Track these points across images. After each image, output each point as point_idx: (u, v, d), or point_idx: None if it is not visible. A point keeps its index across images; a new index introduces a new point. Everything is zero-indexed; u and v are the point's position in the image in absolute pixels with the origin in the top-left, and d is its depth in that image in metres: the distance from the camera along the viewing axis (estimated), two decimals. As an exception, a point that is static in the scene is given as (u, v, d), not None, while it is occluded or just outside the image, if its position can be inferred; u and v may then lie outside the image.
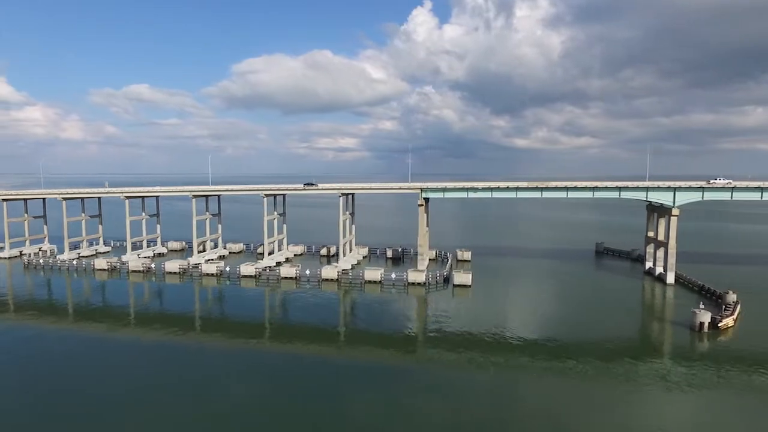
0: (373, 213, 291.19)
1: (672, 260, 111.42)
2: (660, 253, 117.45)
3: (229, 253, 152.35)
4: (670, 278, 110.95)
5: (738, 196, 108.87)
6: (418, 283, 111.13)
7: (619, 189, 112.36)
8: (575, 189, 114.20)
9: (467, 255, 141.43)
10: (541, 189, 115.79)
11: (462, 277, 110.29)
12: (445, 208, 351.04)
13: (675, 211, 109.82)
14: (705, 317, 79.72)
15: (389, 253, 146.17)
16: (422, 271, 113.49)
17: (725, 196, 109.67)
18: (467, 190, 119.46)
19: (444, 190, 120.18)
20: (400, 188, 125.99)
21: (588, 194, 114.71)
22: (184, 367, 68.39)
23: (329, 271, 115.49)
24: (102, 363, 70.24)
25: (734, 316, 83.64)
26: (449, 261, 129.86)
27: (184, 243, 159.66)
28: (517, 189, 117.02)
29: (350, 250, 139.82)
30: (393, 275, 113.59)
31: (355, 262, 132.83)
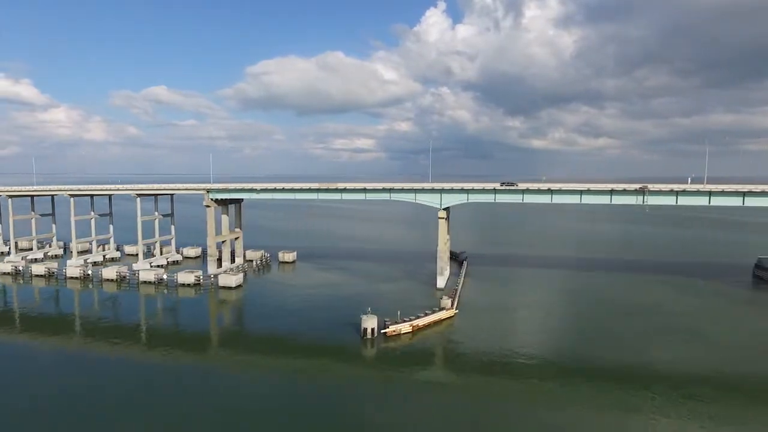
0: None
1: (441, 263, 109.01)
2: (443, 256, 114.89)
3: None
4: (440, 282, 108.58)
5: (500, 198, 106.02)
6: (188, 285, 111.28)
7: (389, 191, 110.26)
8: (345, 191, 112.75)
9: (290, 257, 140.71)
10: (316, 191, 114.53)
11: (227, 279, 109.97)
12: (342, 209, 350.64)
13: (441, 213, 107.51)
14: (371, 323, 77.87)
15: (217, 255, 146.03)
16: (192, 272, 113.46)
17: (489, 198, 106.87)
18: (247, 191, 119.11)
19: (227, 191, 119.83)
20: (186, 189, 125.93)
21: (360, 196, 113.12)
22: None
23: (108, 272, 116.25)
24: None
25: (416, 323, 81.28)
26: (237, 264, 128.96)
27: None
28: (294, 190, 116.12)
29: (162, 252, 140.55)
30: (165, 276, 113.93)
31: (165, 263, 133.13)
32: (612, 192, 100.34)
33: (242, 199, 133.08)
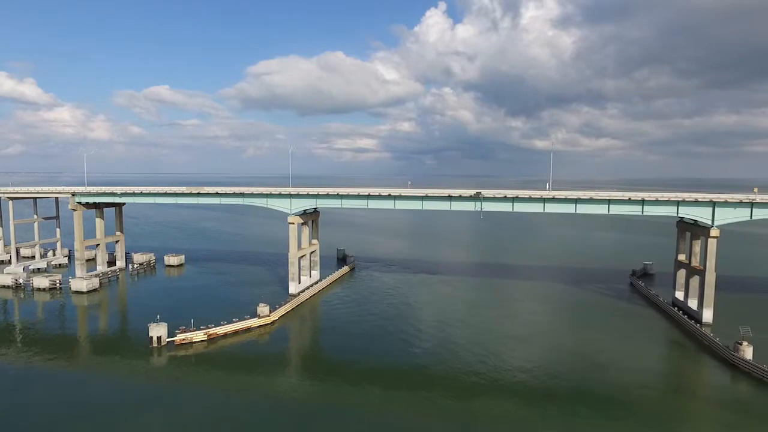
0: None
1: (292, 270, 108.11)
2: (304, 262, 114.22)
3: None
4: (293, 288, 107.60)
5: (346, 203, 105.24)
6: (42, 289, 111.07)
7: (242, 195, 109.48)
8: (200, 195, 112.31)
9: (176, 260, 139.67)
10: (173, 195, 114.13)
11: (78, 284, 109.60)
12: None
13: (291, 219, 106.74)
14: (158, 331, 76.98)
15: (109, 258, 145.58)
16: (48, 276, 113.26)
17: (336, 203, 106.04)
18: (109, 194, 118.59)
19: (89, 194, 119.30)
20: (50, 193, 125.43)
21: (215, 200, 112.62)
22: None
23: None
24: None
25: (212, 331, 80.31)
26: (115, 268, 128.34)
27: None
28: (152, 194, 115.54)
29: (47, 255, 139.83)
30: (21, 280, 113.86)
31: (44, 267, 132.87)
32: (450, 198, 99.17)
33: (123, 203, 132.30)
